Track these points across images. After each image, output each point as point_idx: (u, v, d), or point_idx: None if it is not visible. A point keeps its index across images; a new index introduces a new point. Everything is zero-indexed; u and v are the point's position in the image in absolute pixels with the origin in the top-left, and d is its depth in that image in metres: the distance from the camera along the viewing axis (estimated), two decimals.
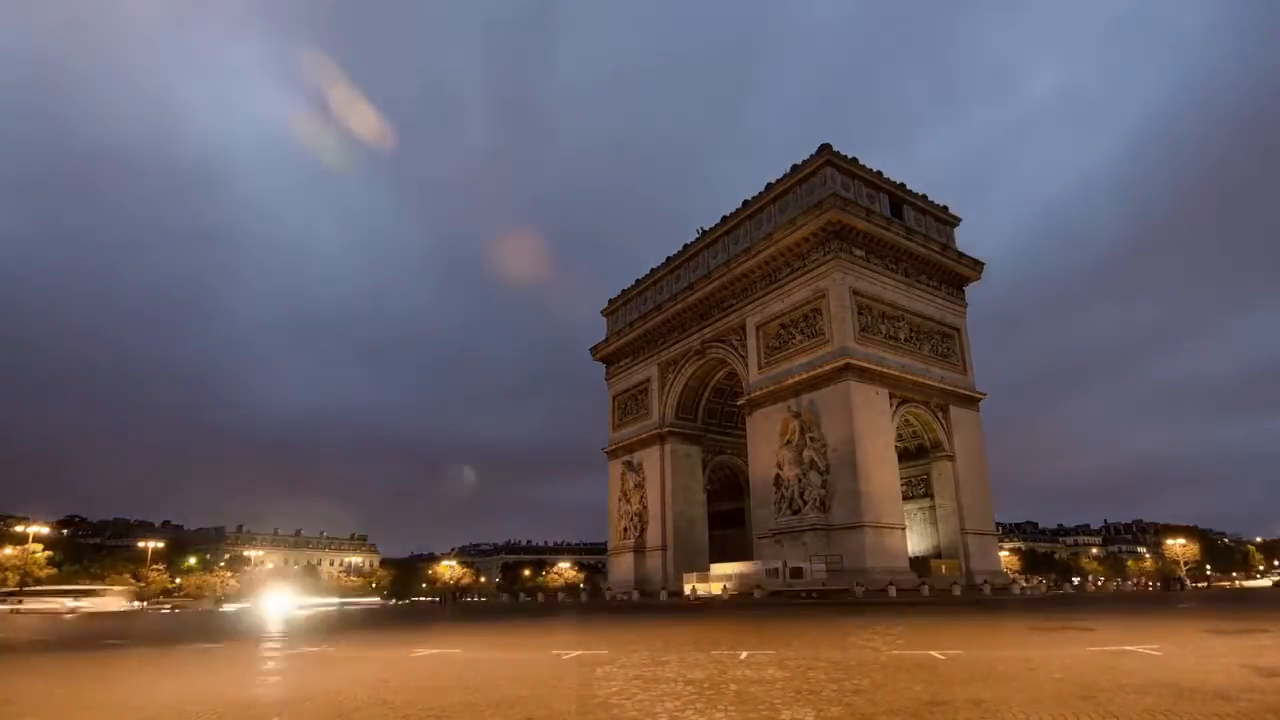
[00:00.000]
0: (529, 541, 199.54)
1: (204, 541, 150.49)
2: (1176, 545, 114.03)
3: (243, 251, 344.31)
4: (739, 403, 69.50)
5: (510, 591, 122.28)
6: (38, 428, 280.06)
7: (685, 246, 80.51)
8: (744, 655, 12.94)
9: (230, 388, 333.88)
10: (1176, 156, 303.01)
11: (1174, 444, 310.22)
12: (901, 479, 59.82)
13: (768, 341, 65.78)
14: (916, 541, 63.17)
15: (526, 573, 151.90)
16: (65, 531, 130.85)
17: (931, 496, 63.85)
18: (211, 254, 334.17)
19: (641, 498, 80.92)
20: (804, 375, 59.99)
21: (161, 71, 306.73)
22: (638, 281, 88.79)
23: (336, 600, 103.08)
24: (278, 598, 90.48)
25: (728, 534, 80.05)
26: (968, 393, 66.02)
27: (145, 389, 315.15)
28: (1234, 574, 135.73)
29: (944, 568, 59.20)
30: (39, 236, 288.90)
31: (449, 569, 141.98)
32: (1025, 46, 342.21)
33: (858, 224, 61.07)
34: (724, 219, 74.52)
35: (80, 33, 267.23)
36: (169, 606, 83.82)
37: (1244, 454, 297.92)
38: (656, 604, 54.22)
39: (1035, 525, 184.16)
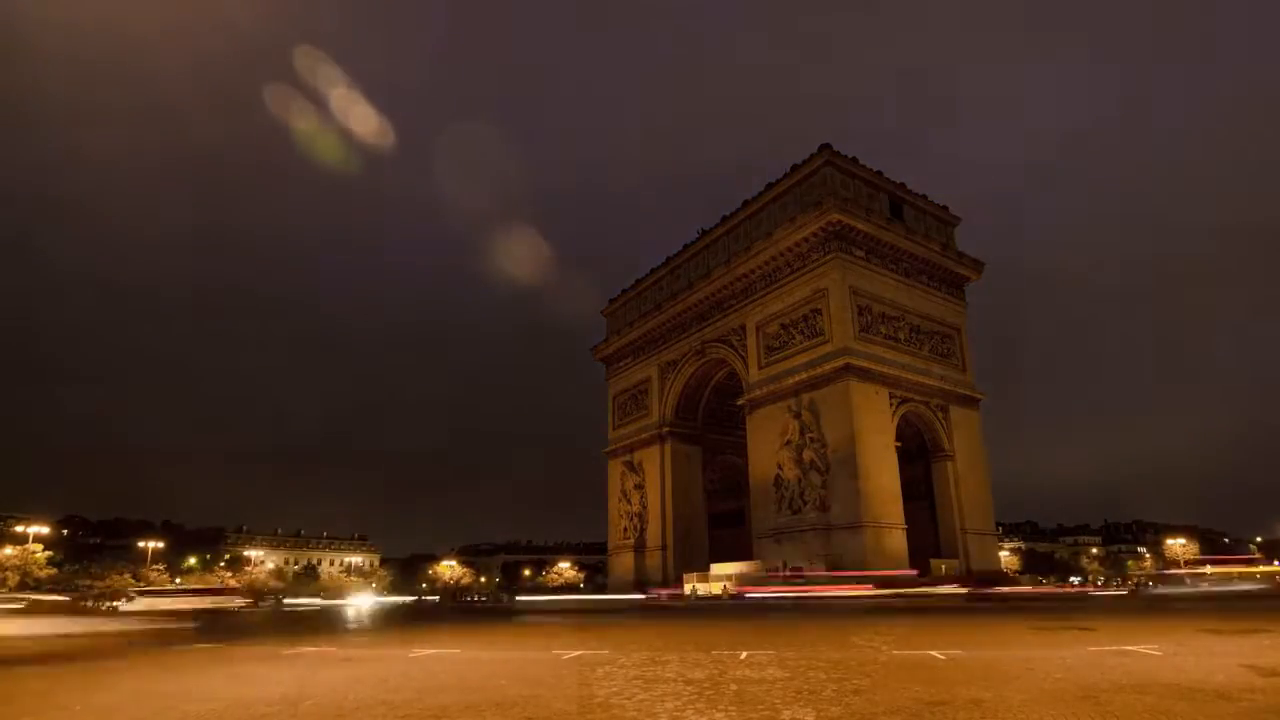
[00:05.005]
0: (529, 541, 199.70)
1: (204, 541, 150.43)
2: (1176, 545, 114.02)
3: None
4: (739, 403, 69.46)
5: (510, 591, 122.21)
6: (37, 427, 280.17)
7: (685, 246, 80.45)
8: (744, 655, 12.95)
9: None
10: None
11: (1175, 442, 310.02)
12: (901, 479, 59.75)
13: (768, 341, 65.76)
14: (916, 541, 63.08)
15: (527, 572, 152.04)
16: (65, 531, 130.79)
17: (931, 496, 63.79)
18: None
19: (641, 498, 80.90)
20: (804, 375, 59.97)
21: None
22: (637, 282, 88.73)
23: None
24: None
25: (728, 534, 79.97)
26: (968, 393, 66.00)
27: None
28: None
29: (944, 567, 59.13)
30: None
31: (449, 569, 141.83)
32: None
33: (858, 224, 61.06)
34: (724, 219, 74.47)
35: None
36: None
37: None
38: (656, 603, 54.17)
39: (1035, 525, 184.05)
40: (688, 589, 61.61)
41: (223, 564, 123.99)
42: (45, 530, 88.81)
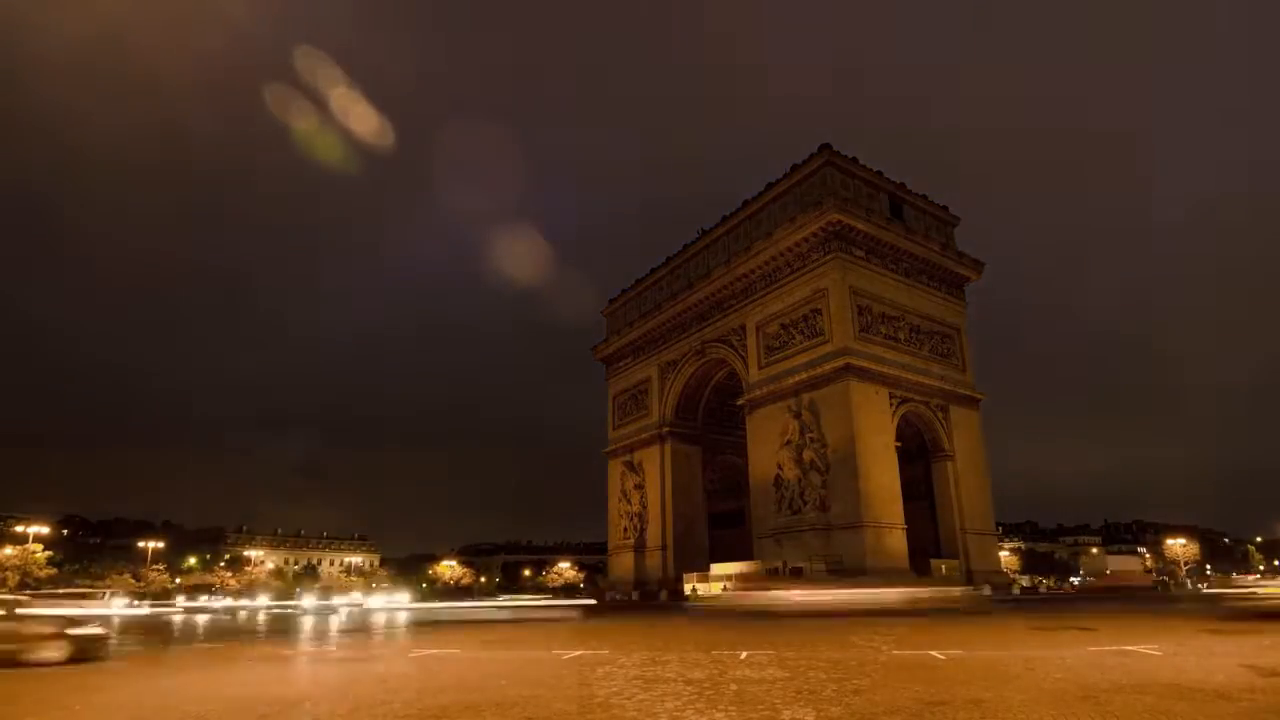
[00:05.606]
0: (529, 541, 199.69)
1: (204, 541, 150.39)
2: (1176, 545, 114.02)
3: None
4: (739, 403, 69.42)
5: (510, 591, 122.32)
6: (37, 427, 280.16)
7: (685, 246, 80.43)
8: (744, 655, 12.96)
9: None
10: None
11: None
12: (901, 479, 59.71)
13: (768, 341, 65.73)
14: (916, 541, 63.09)
15: (527, 572, 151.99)
16: (65, 531, 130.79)
17: (931, 496, 63.76)
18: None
19: (641, 498, 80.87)
20: (804, 375, 59.95)
21: None
22: (637, 282, 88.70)
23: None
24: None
25: (728, 534, 79.94)
26: (968, 393, 65.99)
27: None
28: (1234, 574, 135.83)
29: (944, 568, 59.09)
30: None
31: (449, 569, 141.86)
32: None
33: (858, 224, 61.05)
34: (724, 219, 74.46)
35: None
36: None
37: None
38: (656, 604, 54.28)
39: (1035, 525, 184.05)
40: (688, 589, 61.72)
41: (223, 564, 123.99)
42: (45, 530, 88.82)
